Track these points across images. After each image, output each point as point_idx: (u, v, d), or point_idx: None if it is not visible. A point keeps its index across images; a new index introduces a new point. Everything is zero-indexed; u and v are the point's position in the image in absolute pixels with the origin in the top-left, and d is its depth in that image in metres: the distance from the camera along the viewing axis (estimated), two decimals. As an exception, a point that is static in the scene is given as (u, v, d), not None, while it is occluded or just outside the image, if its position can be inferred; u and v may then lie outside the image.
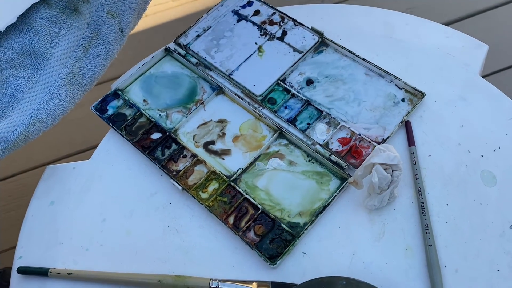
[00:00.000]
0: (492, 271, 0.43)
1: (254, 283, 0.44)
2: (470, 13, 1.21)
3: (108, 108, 0.57)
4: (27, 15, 0.53)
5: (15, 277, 0.48)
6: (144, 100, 0.58)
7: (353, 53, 0.57)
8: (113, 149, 0.55)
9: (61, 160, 1.13)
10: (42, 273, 0.47)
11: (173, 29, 1.30)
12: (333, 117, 0.53)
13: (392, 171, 0.44)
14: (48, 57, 0.53)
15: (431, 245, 0.44)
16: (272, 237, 0.46)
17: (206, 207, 0.48)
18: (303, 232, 0.46)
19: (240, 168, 0.51)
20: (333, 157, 0.50)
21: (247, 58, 0.58)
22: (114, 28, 0.58)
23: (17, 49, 0.53)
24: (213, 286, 0.44)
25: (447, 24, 1.18)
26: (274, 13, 0.61)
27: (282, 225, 0.47)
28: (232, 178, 0.50)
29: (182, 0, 1.37)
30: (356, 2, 1.26)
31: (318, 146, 0.51)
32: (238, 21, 0.61)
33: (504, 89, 0.53)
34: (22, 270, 0.48)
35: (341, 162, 0.49)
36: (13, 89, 0.52)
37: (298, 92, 0.55)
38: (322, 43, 0.59)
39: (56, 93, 0.53)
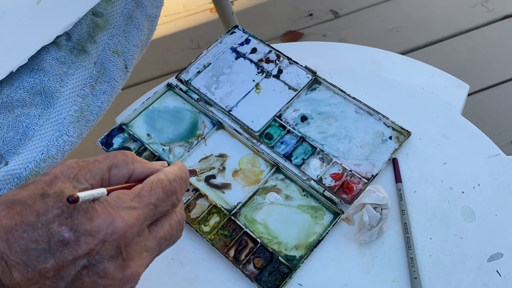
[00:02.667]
0: (471, 301, 0.47)
1: (254, 314, 0.47)
2: (455, 33, 1.26)
3: (113, 142, 0.60)
4: (38, 56, 0.56)
5: None
6: (148, 134, 0.61)
7: (344, 92, 0.61)
8: (119, 182, 0.58)
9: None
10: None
11: (166, 43, 1.33)
12: (326, 153, 0.57)
13: (381, 209, 0.48)
14: (57, 96, 0.56)
15: (416, 278, 0.48)
16: (270, 270, 0.50)
17: (208, 241, 0.52)
18: (299, 265, 0.50)
19: (239, 202, 0.55)
20: (327, 193, 0.54)
21: (246, 94, 0.62)
22: (119, 66, 0.61)
23: (28, 89, 0.55)
24: (216, 316, 0.47)
25: (431, 43, 1.23)
26: (270, 51, 0.65)
27: (280, 258, 0.50)
28: (233, 212, 0.54)
29: (174, 16, 1.40)
30: (353, 34, 1.30)
31: (312, 182, 0.55)
32: (236, 58, 0.65)
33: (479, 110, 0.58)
34: None
35: (334, 197, 0.53)
36: (24, 127, 0.54)
37: (293, 128, 0.59)
38: (315, 81, 0.62)
39: (65, 130, 0.56)
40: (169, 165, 0.36)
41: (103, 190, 0.30)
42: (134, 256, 0.31)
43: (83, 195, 0.28)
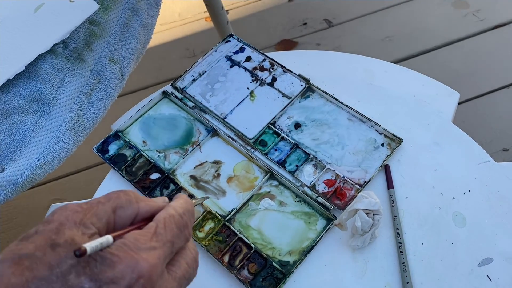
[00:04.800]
0: (462, 306, 0.48)
1: (248, 319, 0.48)
2: (446, 42, 1.28)
3: (109, 149, 0.61)
4: (35, 64, 0.57)
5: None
6: (143, 141, 0.61)
7: (337, 99, 0.62)
8: (114, 189, 0.58)
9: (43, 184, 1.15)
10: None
11: (161, 52, 1.34)
12: (319, 160, 0.58)
13: (374, 215, 0.49)
14: (54, 103, 0.57)
15: (407, 283, 0.49)
16: (264, 275, 0.50)
17: (203, 246, 0.52)
18: (293, 271, 0.50)
19: (234, 208, 0.55)
20: (320, 199, 0.54)
21: (240, 102, 0.63)
22: (115, 73, 0.62)
23: (25, 96, 0.56)
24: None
25: (424, 52, 1.25)
26: (264, 59, 0.66)
27: (274, 263, 0.51)
28: (227, 218, 0.54)
29: (169, 25, 1.41)
30: (346, 43, 1.32)
31: (306, 188, 0.55)
32: (231, 66, 0.66)
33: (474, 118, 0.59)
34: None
35: (327, 203, 0.54)
36: (21, 134, 0.55)
37: (287, 135, 0.60)
38: (309, 89, 0.63)
39: (62, 137, 0.56)
40: (169, 199, 0.35)
41: (108, 238, 0.28)
42: None
43: (90, 246, 0.27)
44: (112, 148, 0.61)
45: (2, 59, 0.56)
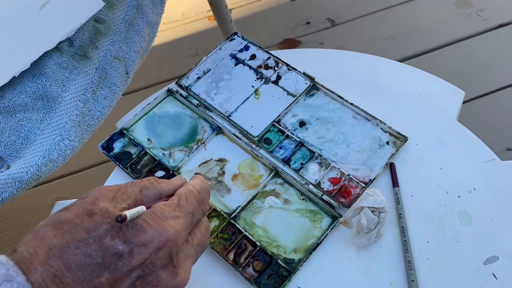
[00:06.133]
0: (467, 304, 0.48)
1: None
2: (450, 41, 1.28)
3: (114, 146, 0.61)
4: (40, 61, 0.57)
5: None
6: (148, 139, 0.61)
7: (342, 98, 0.62)
8: (119, 186, 0.58)
9: (48, 182, 1.16)
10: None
11: (164, 50, 1.34)
12: (324, 158, 0.58)
13: (379, 213, 0.49)
14: (59, 101, 0.57)
15: (413, 281, 0.49)
16: (269, 272, 0.50)
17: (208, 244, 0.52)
18: (298, 268, 0.50)
19: (239, 206, 0.55)
20: (325, 197, 0.54)
21: (245, 100, 0.63)
22: (120, 71, 0.62)
23: (30, 93, 0.56)
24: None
25: (427, 52, 1.25)
26: (269, 57, 0.66)
27: (279, 261, 0.51)
28: (232, 216, 0.54)
29: (172, 24, 1.41)
30: (349, 42, 1.32)
31: (311, 186, 0.55)
32: (235, 64, 0.66)
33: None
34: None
35: (332, 201, 0.54)
36: (26, 131, 0.55)
37: (291, 133, 0.60)
38: (314, 87, 0.63)
39: (67, 134, 0.56)
40: (167, 172, 0.39)
41: (143, 208, 0.33)
42: (181, 264, 0.34)
43: (129, 213, 0.31)
44: (117, 146, 0.61)
45: (7, 57, 0.56)
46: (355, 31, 1.34)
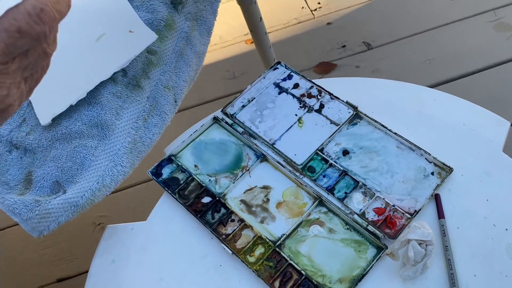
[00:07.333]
0: None
1: None
2: (489, 65, 1.27)
3: (162, 172, 0.63)
4: (95, 90, 0.60)
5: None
6: (195, 165, 0.63)
7: (385, 127, 0.62)
8: (167, 211, 0.60)
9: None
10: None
11: (203, 73, 1.37)
12: (368, 188, 0.58)
13: (426, 245, 0.49)
14: (113, 128, 0.59)
15: (461, 315, 0.48)
16: (315, 302, 0.51)
17: (254, 271, 0.53)
18: (344, 299, 0.51)
19: (284, 234, 0.56)
20: (370, 227, 0.55)
21: (289, 128, 0.64)
22: (169, 100, 0.64)
23: (86, 121, 0.59)
24: None
25: (465, 75, 1.24)
26: (312, 86, 0.68)
27: (324, 291, 0.51)
28: (277, 244, 0.55)
29: (211, 47, 1.45)
30: (386, 66, 1.32)
31: (356, 216, 0.56)
32: (279, 93, 0.68)
33: None
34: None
35: (378, 232, 0.54)
36: (82, 158, 0.58)
37: (335, 162, 0.61)
38: (357, 116, 0.64)
39: (119, 161, 0.59)
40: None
41: None
42: None
43: None
44: (166, 172, 0.63)
45: (65, 86, 0.60)
46: (391, 54, 1.34)
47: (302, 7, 1.50)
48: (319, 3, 1.50)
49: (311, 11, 1.49)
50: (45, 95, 0.60)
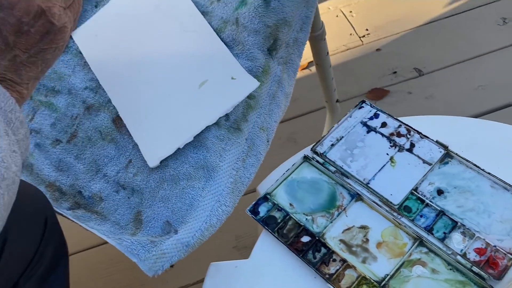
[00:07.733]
0: None
1: None
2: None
3: (259, 210, 0.65)
4: (201, 134, 0.63)
5: None
6: (290, 204, 0.66)
7: (478, 166, 0.64)
8: (268, 250, 0.62)
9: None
10: None
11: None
12: (467, 228, 0.60)
13: (540, 290, 0.50)
14: (217, 170, 0.62)
15: None
16: None
17: (363, 311, 0.55)
18: None
19: (387, 274, 0.58)
20: (475, 268, 0.56)
21: (381, 168, 0.66)
22: (263, 140, 0.67)
23: (192, 163, 0.62)
24: None
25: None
26: (400, 125, 0.70)
27: (436, 332, 0.53)
28: (382, 284, 0.57)
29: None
30: (438, 92, 1.33)
31: (459, 257, 0.57)
32: (367, 132, 0.70)
33: None
34: None
35: (482, 273, 0.55)
36: (190, 198, 0.61)
37: (431, 201, 0.62)
38: (447, 155, 0.66)
39: (224, 200, 0.61)
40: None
41: None
42: None
43: None
44: (262, 210, 0.65)
45: (173, 130, 0.63)
46: (443, 80, 1.35)
47: (350, 34, 1.53)
48: (367, 29, 1.53)
49: (360, 37, 1.51)
50: (153, 139, 0.63)
